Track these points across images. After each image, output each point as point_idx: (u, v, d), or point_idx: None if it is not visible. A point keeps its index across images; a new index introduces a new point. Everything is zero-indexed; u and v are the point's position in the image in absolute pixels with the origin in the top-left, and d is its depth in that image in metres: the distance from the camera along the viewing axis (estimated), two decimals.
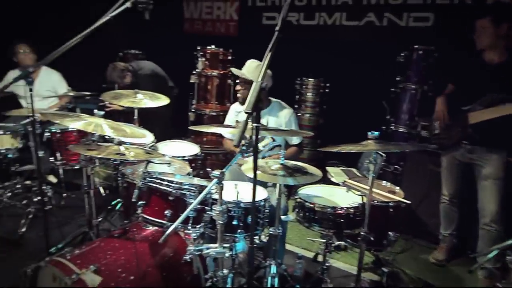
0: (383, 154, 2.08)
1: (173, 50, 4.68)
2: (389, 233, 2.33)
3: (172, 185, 1.68)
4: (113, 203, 3.12)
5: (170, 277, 1.78)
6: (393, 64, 3.65)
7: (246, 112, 1.11)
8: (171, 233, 1.46)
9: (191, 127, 1.89)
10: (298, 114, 4.35)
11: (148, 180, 1.73)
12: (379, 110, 3.83)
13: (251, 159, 2.53)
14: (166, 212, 1.67)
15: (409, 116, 3.64)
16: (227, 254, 1.52)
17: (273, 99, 2.66)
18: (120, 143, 1.95)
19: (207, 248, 1.52)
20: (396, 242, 2.43)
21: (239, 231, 1.86)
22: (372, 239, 1.93)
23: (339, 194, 2.28)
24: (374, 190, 2.41)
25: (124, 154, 1.81)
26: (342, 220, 2.01)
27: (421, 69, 3.52)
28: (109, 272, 1.59)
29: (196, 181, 1.87)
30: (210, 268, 1.85)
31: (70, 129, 3.19)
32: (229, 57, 4.31)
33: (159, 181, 1.71)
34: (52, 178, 3.75)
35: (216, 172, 1.42)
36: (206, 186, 1.55)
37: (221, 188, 1.45)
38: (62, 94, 3.59)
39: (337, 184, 2.60)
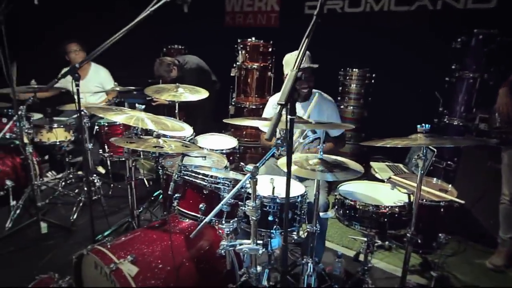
0: (434, 149, 1.90)
1: (214, 44, 4.71)
2: (440, 234, 2.14)
3: (207, 178, 1.66)
4: (155, 194, 3.22)
5: (205, 270, 1.78)
6: (448, 51, 3.34)
7: (279, 104, 1.04)
8: (202, 228, 1.44)
9: (225, 120, 1.85)
10: (341, 107, 4.18)
11: (184, 173, 1.73)
12: (430, 101, 3.55)
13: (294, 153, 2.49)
14: (200, 205, 1.66)
15: (466, 108, 3.32)
16: (260, 251, 1.48)
17: (314, 90, 2.55)
18: (159, 136, 1.97)
19: (240, 244, 1.48)
20: (447, 244, 2.23)
21: (274, 227, 1.80)
22: (419, 241, 1.78)
23: (383, 191, 2.13)
24: (423, 188, 2.23)
25: (161, 147, 1.83)
26: (385, 220, 1.87)
27: (481, 55, 3.17)
28: (146, 263, 1.63)
29: (232, 175, 1.84)
30: (245, 264, 1.83)
31: (117, 123, 3.34)
32: (270, 49, 4.24)
33: (194, 174, 1.71)
34: (101, 169, 3.96)
35: (250, 167, 1.37)
36: (240, 180, 1.51)
37: (255, 183, 1.40)
38: (109, 89, 3.75)
39: (382, 181, 2.44)
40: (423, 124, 1.67)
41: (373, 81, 4.07)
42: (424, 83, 3.57)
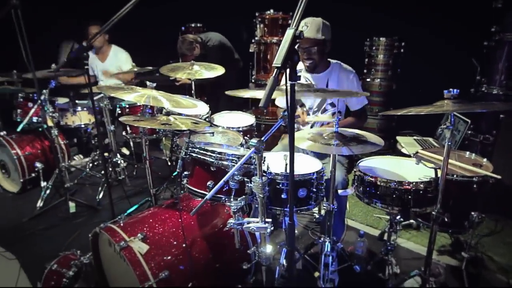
0: (468, 120, 1.71)
1: (232, 20, 4.55)
2: (472, 213, 1.96)
3: (214, 155, 1.60)
4: (174, 173, 3.23)
5: (216, 248, 1.75)
6: (487, 12, 3.00)
7: (275, 67, 0.93)
8: (202, 205, 1.38)
9: (228, 92, 1.75)
10: (367, 79, 3.94)
11: (191, 150, 1.67)
12: (466, 69, 3.24)
13: (309, 128, 2.37)
14: (208, 183, 1.61)
15: (507, 75, 2.99)
16: (269, 230, 1.40)
17: (332, 61, 2.38)
18: (169, 113, 1.92)
19: (248, 222, 1.42)
20: (481, 223, 2.04)
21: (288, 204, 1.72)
22: (446, 219, 1.63)
23: (408, 166, 1.97)
24: (453, 162, 2.04)
25: (169, 124, 1.78)
26: (409, 197, 1.73)
27: None
28: (156, 241, 1.61)
29: (242, 151, 1.76)
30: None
31: (138, 104, 3.35)
32: (290, 21, 4.03)
33: (201, 151, 1.65)
34: (125, 150, 4.04)
35: (254, 141, 1.28)
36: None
37: (260, 158, 1.31)
38: (126, 70, 3.76)
39: (408, 156, 2.27)
40: (451, 89, 1.48)
41: (402, 50, 3.78)
42: (458, 50, 3.25)
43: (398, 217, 1.93)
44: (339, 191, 1.93)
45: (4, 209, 3.10)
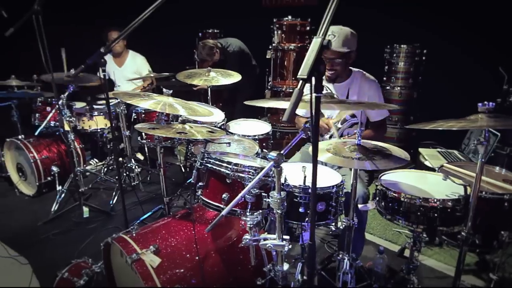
0: (498, 133, 1.60)
1: (251, 27, 4.53)
2: (502, 232, 1.84)
3: (230, 166, 1.54)
4: (188, 181, 3.19)
5: (230, 263, 1.68)
6: None
7: (300, 78, 0.86)
8: (218, 221, 1.32)
9: (246, 102, 1.70)
10: (387, 87, 3.83)
11: (206, 161, 1.62)
12: (492, 79, 3.10)
13: (331, 139, 2.30)
14: (223, 195, 1.55)
15: None
16: (286, 248, 1.33)
17: (354, 69, 2.30)
18: (184, 121, 1.88)
19: (264, 239, 1.35)
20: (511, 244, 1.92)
21: (306, 219, 1.64)
22: (477, 241, 1.52)
23: (434, 182, 1.86)
24: (482, 178, 1.92)
25: (185, 133, 1.74)
26: (435, 215, 1.62)
27: None
28: (169, 254, 1.56)
29: (259, 162, 1.70)
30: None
31: (152, 110, 3.33)
32: (308, 28, 3.97)
33: (216, 162, 1.59)
34: (140, 156, 4.04)
35: (273, 154, 1.21)
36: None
37: (279, 172, 1.25)
38: (143, 76, 3.77)
39: (432, 170, 2.16)
40: (486, 102, 1.38)
41: (424, 58, 3.66)
42: (484, 58, 3.11)
43: (423, 235, 1.82)
44: (359, 206, 1.84)
45: (20, 212, 3.12)
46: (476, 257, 2.37)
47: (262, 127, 2.85)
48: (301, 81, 0.86)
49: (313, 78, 0.89)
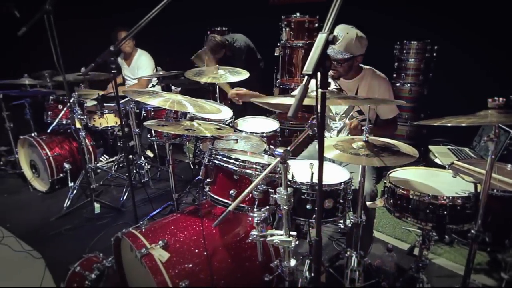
0: (510, 130, 1.58)
1: (259, 25, 4.53)
2: None
3: (237, 163, 1.55)
4: (197, 178, 3.21)
5: (238, 258, 1.70)
6: None
7: (305, 74, 0.86)
8: (225, 217, 1.33)
9: (252, 100, 1.70)
10: (397, 84, 3.78)
11: (213, 157, 1.63)
12: (506, 75, 3.03)
13: (341, 135, 2.28)
14: (231, 191, 1.56)
15: None
16: (293, 244, 1.34)
17: (364, 66, 2.28)
18: (193, 118, 1.89)
19: (271, 235, 1.36)
20: None
21: (314, 216, 1.65)
22: (487, 239, 1.50)
23: (444, 179, 1.84)
24: (494, 175, 1.89)
25: (193, 130, 1.75)
26: (445, 213, 1.61)
27: None
28: (177, 248, 1.58)
29: (266, 159, 1.70)
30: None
31: (162, 107, 3.37)
32: (316, 25, 3.95)
33: (223, 158, 1.60)
34: (150, 153, 4.08)
35: (280, 150, 1.22)
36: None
37: (286, 169, 1.25)
38: (152, 74, 3.80)
39: (442, 167, 2.13)
40: (495, 97, 1.36)
41: (434, 54, 3.61)
42: (498, 54, 3.05)
43: (432, 233, 1.80)
44: (368, 203, 1.83)
45: (33, 207, 3.19)
46: (487, 256, 2.34)
47: (270, 124, 2.85)
48: (306, 77, 0.87)
49: (319, 74, 0.89)
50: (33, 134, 3.39)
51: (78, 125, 3.05)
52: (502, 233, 1.84)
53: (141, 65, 4.00)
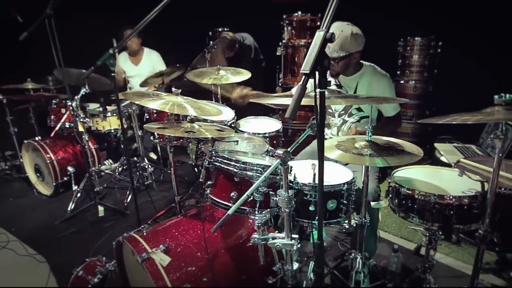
0: None
1: (260, 24, 4.51)
2: None
3: (238, 165, 1.52)
4: (200, 180, 3.20)
5: (240, 262, 1.67)
6: None
7: (303, 74, 0.84)
8: (224, 221, 1.31)
9: (251, 100, 1.68)
10: (401, 82, 3.74)
11: (214, 159, 1.61)
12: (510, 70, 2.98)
13: (342, 136, 2.25)
14: (232, 194, 1.54)
15: None
16: (295, 247, 1.31)
17: (365, 63, 2.23)
18: (193, 120, 1.87)
19: (273, 238, 1.33)
20: None
21: (316, 217, 1.61)
22: (495, 240, 1.46)
23: (450, 178, 1.80)
24: (501, 173, 1.85)
25: (193, 132, 1.73)
26: (451, 213, 1.57)
27: None
28: (178, 252, 1.57)
29: (267, 160, 1.68)
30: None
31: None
32: (318, 23, 3.91)
33: (224, 160, 1.58)
34: (153, 155, 4.08)
35: (280, 151, 1.20)
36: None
37: (286, 170, 1.23)
38: (156, 73, 3.78)
39: (448, 165, 2.09)
40: (502, 94, 1.32)
41: (439, 50, 3.55)
42: (504, 50, 2.99)
43: (439, 233, 1.76)
44: (371, 204, 1.80)
45: (38, 211, 3.20)
46: (495, 255, 2.29)
47: (272, 124, 2.82)
48: (304, 76, 0.84)
49: (317, 73, 0.86)
50: (37, 138, 3.41)
51: (81, 129, 3.05)
52: (510, 232, 1.80)
53: (157, 64, 4.01)
